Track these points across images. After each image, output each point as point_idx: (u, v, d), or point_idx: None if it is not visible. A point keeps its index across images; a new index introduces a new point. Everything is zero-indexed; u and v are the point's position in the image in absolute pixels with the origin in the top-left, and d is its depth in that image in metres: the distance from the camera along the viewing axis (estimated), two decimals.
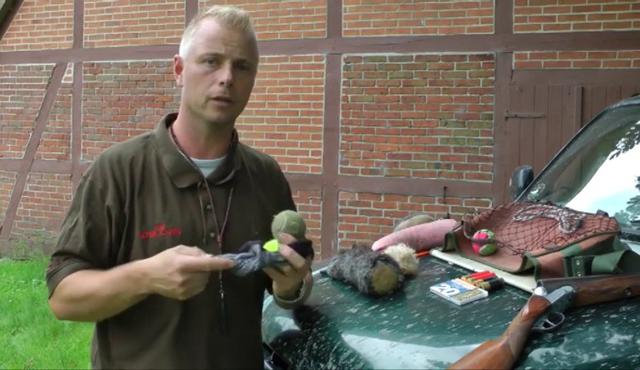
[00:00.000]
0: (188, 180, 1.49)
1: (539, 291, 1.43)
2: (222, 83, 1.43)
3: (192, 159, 1.51)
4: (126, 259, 1.44)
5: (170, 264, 1.27)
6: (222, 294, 1.47)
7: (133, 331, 1.45)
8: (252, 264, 1.29)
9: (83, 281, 1.40)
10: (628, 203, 2.27)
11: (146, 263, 1.33)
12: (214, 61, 1.44)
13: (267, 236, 1.51)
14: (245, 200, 1.55)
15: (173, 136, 1.54)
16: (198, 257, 1.28)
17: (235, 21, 1.45)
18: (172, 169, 1.49)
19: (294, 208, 1.74)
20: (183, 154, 1.51)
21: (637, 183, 2.35)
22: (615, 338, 1.34)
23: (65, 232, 1.46)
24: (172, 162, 1.50)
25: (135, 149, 1.51)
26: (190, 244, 1.34)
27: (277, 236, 1.38)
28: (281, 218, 1.41)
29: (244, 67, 1.47)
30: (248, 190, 1.58)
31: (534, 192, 2.69)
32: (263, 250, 1.32)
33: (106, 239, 1.44)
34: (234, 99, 1.46)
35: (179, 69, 1.52)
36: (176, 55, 1.53)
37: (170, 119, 1.59)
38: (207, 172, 1.52)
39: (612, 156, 2.69)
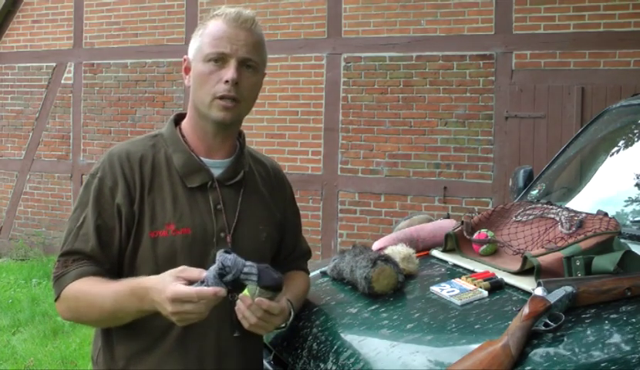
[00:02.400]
0: (198, 180, 1.49)
1: (539, 291, 1.42)
2: (227, 81, 1.43)
3: (201, 158, 1.52)
4: (134, 257, 1.44)
5: (162, 290, 1.25)
6: (235, 295, 1.45)
7: (139, 330, 1.43)
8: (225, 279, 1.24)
9: (89, 290, 1.38)
10: (628, 203, 2.27)
11: (150, 281, 1.31)
12: (220, 60, 1.44)
13: (273, 238, 1.51)
14: (254, 201, 1.56)
15: (182, 136, 1.54)
16: (188, 287, 1.23)
17: (241, 20, 1.46)
18: (182, 167, 1.49)
19: (297, 211, 1.75)
20: (193, 153, 1.51)
21: (637, 182, 2.35)
22: (615, 338, 1.34)
23: (73, 230, 1.44)
24: (182, 161, 1.50)
25: (143, 148, 1.51)
26: (201, 244, 1.35)
27: (253, 298, 1.33)
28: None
29: (250, 66, 1.48)
30: (257, 191, 1.58)
31: (534, 192, 2.69)
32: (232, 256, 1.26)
33: (116, 237, 1.43)
34: (239, 98, 1.46)
35: (187, 70, 1.53)
36: (185, 56, 1.54)
37: (178, 119, 1.59)
38: (215, 172, 1.52)
39: (612, 156, 2.69)
